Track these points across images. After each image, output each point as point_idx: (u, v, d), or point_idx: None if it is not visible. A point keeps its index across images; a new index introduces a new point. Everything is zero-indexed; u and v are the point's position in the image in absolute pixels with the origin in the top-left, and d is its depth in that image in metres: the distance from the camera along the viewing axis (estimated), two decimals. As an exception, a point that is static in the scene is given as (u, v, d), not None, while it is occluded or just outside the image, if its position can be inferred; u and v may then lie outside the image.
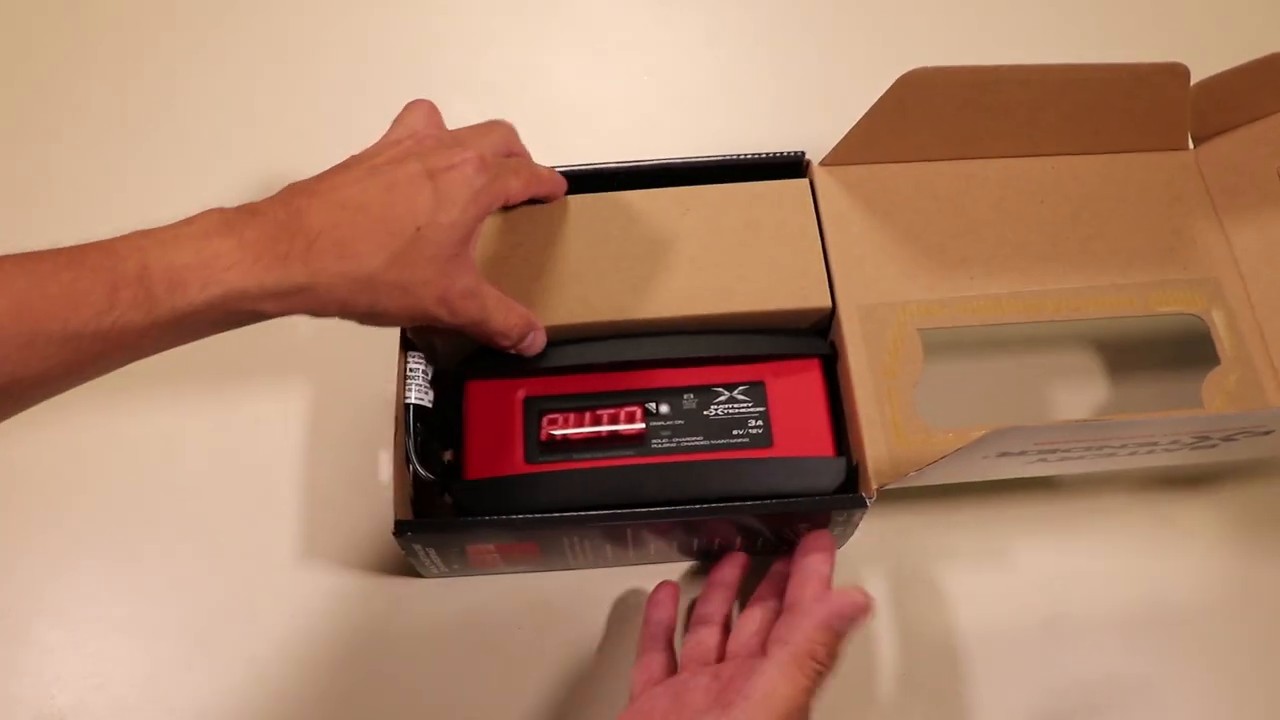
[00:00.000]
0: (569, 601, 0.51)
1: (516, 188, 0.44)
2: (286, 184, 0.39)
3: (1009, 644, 0.50)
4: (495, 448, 0.47)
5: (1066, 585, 0.51)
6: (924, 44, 0.49)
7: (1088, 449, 0.43)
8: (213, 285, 0.34)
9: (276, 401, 0.55)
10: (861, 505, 0.44)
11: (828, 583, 0.44)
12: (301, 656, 0.49)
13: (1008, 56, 0.48)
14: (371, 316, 0.40)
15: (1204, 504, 0.53)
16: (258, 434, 0.55)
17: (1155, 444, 0.43)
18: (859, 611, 0.39)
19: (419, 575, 0.51)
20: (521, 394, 0.48)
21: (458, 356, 0.49)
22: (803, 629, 0.39)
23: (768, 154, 0.51)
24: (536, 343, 0.46)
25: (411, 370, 0.47)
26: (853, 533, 0.48)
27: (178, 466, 0.54)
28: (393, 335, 0.48)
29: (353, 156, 0.42)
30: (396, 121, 0.45)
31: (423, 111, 0.45)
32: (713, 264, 0.48)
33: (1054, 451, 0.43)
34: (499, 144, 0.45)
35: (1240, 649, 0.50)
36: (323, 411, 0.55)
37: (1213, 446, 0.44)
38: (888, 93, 0.48)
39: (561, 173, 0.49)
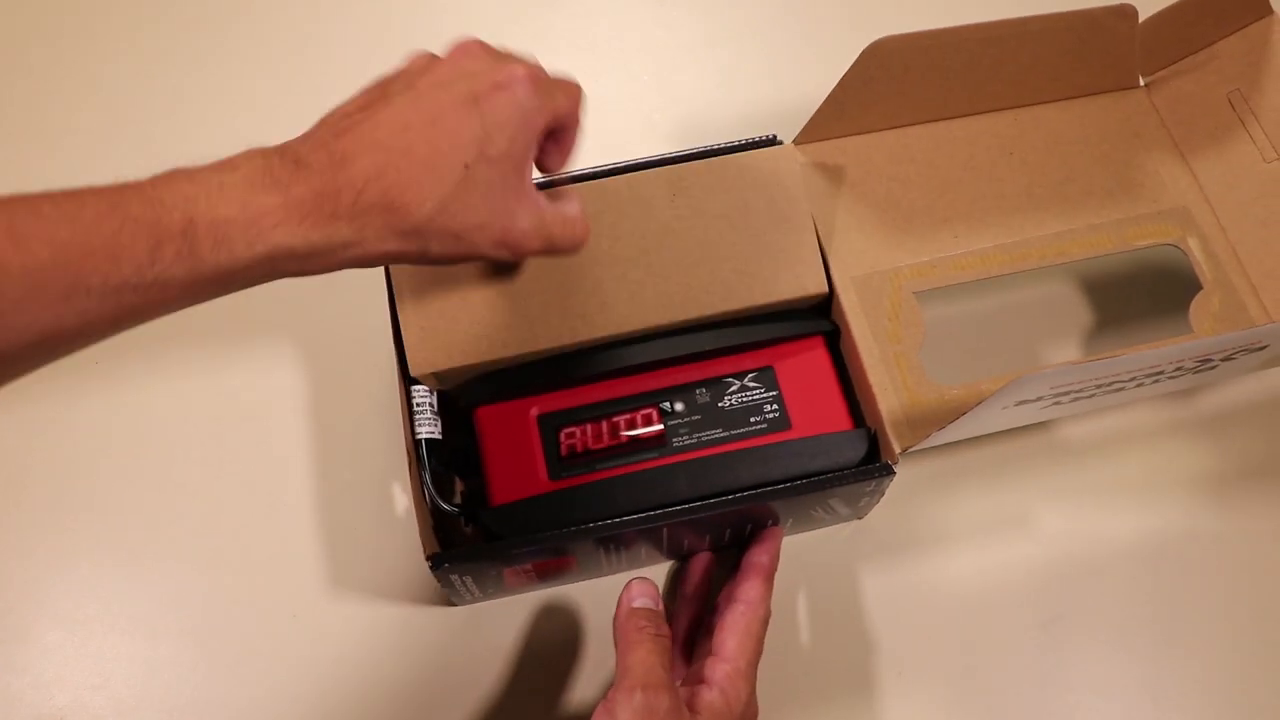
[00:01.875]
0: (604, 609, 0.50)
1: (566, 107, 0.40)
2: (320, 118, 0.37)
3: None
4: (517, 470, 0.46)
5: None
6: (913, 25, 0.50)
7: (1099, 386, 0.44)
8: (258, 243, 0.33)
9: (283, 421, 0.55)
10: (889, 473, 0.45)
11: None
12: (308, 658, 0.49)
13: (973, 15, 0.49)
14: (425, 260, 0.38)
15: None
16: (269, 438, 0.54)
17: (1161, 373, 0.44)
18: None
19: (450, 604, 0.50)
20: (535, 412, 0.47)
21: (458, 381, 0.48)
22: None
23: (741, 141, 0.51)
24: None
25: (418, 405, 0.46)
26: (879, 500, 0.49)
27: (182, 468, 0.54)
28: (393, 367, 0.47)
29: (394, 73, 0.39)
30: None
31: (472, 41, 0.41)
32: (708, 261, 0.48)
33: (1067, 393, 0.44)
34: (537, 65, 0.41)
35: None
36: (331, 439, 0.55)
37: (1213, 368, 0.46)
38: (854, 65, 0.48)
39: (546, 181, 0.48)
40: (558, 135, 0.42)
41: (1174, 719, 0.49)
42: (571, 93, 0.41)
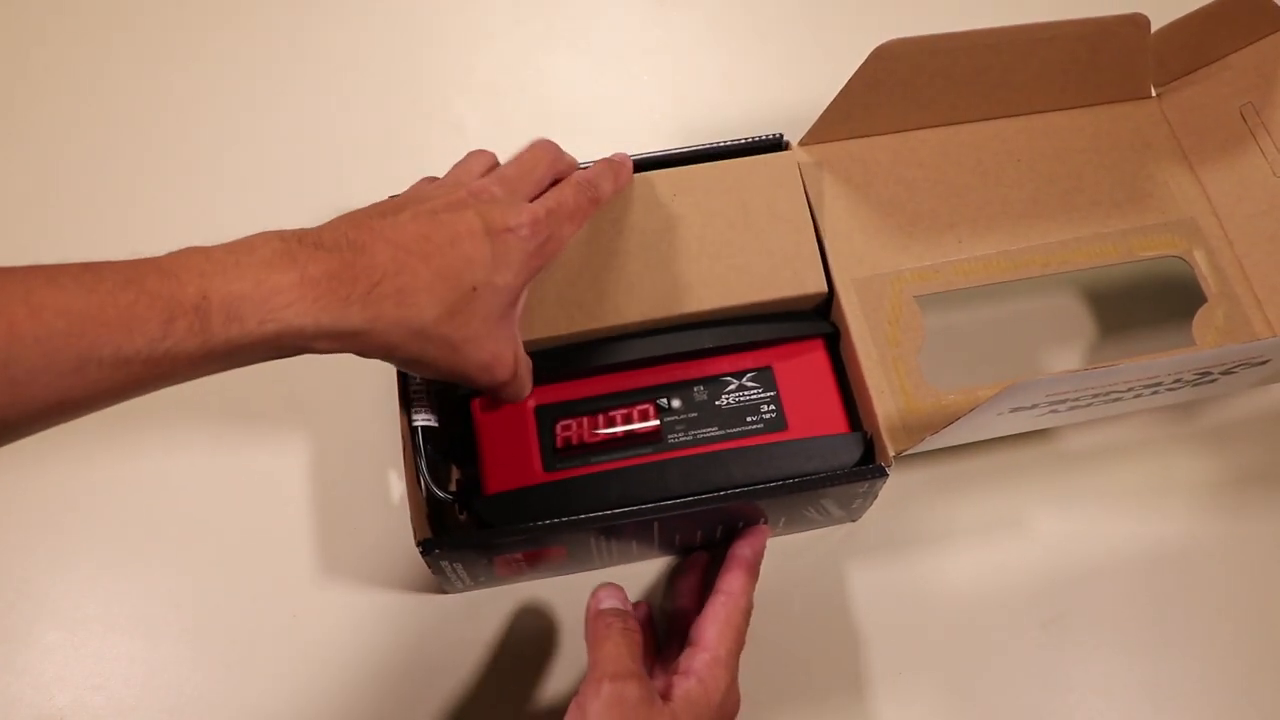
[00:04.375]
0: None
1: (570, 232, 0.44)
2: (339, 213, 0.39)
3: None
4: (512, 460, 0.47)
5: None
6: (919, 29, 0.50)
7: (1096, 395, 0.44)
8: (270, 321, 0.33)
9: (283, 407, 0.55)
10: (882, 475, 0.45)
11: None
12: (307, 657, 0.49)
13: (985, 20, 0.49)
14: (415, 365, 0.39)
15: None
16: (265, 437, 0.55)
17: (1159, 384, 0.44)
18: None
19: (441, 591, 0.50)
20: (532, 403, 0.48)
21: None
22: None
23: (746, 139, 0.52)
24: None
25: (415, 392, 0.47)
26: (872, 502, 0.49)
27: (180, 468, 0.54)
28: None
29: (406, 195, 0.41)
30: (455, 166, 0.45)
31: (483, 161, 0.45)
32: (707, 255, 0.49)
33: (1063, 401, 0.43)
34: (544, 177, 0.45)
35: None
36: (326, 430, 0.55)
37: (1213, 381, 0.45)
38: (861, 67, 0.48)
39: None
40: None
41: (1173, 719, 0.49)
42: (578, 218, 0.44)
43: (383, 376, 0.49)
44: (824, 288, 0.48)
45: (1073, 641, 0.50)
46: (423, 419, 0.46)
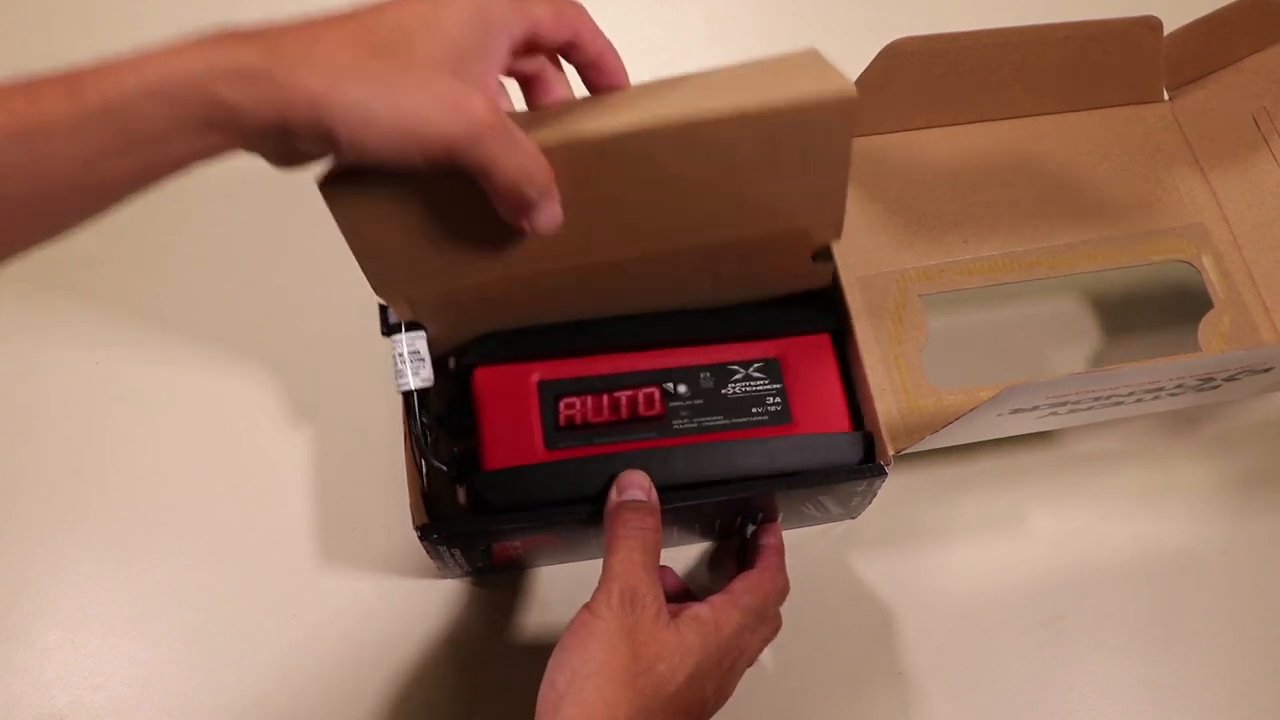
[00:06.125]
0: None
1: (545, 16, 0.37)
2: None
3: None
4: (513, 436, 0.46)
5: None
6: (926, 28, 0.50)
7: (1096, 399, 0.43)
8: (149, 68, 0.30)
9: (281, 402, 0.55)
10: (881, 474, 0.45)
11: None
12: (308, 656, 0.49)
13: (994, 20, 0.48)
14: (359, 126, 0.31)
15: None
16: (263, 434, 0.55)
17: (1161, 389, 0.44)
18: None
19: (438, 575, 0.51)
20: (535, 378, 0.47)
21: (452, 336, 0.47)
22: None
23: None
24: (555, 215, 0.37)
25: (402, 355, 0.44)
26: (871, 501, 0.49)
27: (180, 467, 0.54)
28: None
29: None
30: None
31: None
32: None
33: (1064, 404, 0.43)
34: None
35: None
36: (330, 412, 0.55)
37: (1216, 387, 0.45)
38: (871, 65, 0.48)
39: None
40: (580, 57, 0.41)
41: (1174, 719, 0.49)
42: (553, 8, 0.38)
43: (385, 361, 0.49)
44: (828, 282, 0.48)
45: (1073, 641, 0.50)
46: (416, 383, 0.44)
